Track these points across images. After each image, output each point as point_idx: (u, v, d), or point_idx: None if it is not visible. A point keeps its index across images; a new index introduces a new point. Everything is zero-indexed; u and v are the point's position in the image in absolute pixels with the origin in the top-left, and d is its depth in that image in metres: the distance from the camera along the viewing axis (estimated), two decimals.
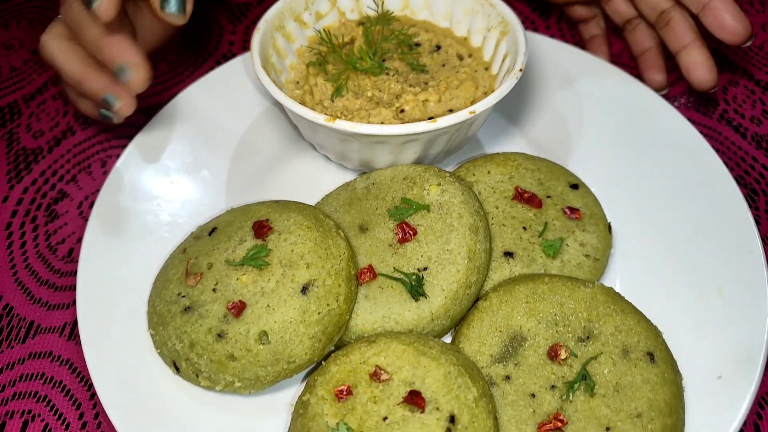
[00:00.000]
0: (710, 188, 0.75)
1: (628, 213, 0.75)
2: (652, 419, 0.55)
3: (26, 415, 0.66)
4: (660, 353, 0.59)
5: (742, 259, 0.69)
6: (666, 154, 0.79)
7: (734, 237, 0.71)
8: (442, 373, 0.55)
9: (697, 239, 0.72)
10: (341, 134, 0.71)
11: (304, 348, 0.61)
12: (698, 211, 0.74)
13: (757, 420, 0.64)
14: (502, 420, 0.57)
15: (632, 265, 0.71)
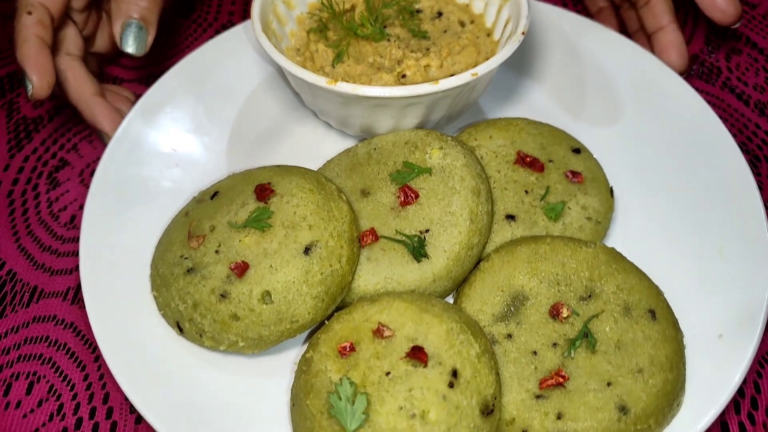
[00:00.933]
0: (713, 153, 0.75)
1: (631, 178, 0.75)
2: (653, 374, 0.55)
3: (31, 377, 0.66)
4: (661, 311, 0.59)
5: (744, 222, 0.69)
6: (669, 120, 0.79)
7: (736, 201, 0.71)
8: (445, 330, 0.56)
9: (699, 203, 0.72)
10: (343, 97, 0.71)
11: (307, 308, 0.61)
12: (701, 175, 0.74)
13: (756, 378, 0.65)
14: (504, 377, 0.57)
15: (634, 228, 0.71)
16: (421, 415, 0.52)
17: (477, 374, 0.54)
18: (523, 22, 0.74)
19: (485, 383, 0.54)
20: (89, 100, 0.78)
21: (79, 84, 0.78)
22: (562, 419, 0.54)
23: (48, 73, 0.73)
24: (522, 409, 0.55)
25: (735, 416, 0.62)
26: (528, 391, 0.56)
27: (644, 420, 0.54)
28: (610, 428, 0.54)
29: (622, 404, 0.54)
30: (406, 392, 0.53)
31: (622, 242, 0.70)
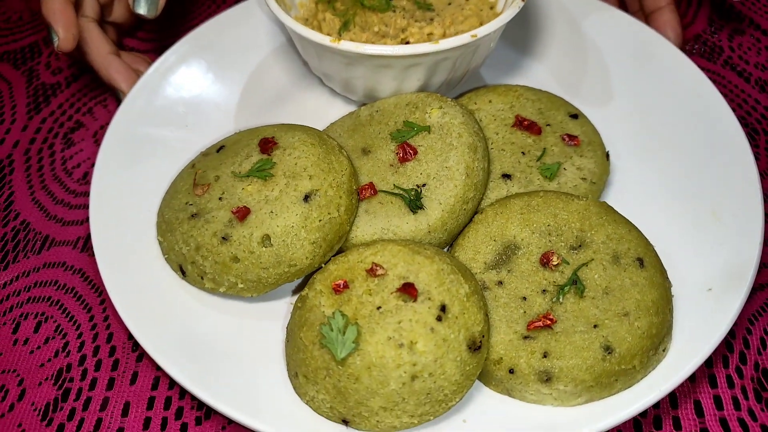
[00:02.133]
0: (709, 121, 0.76)
1: (627, 145, 0.77)
2: (638, 317, 0.57)
3: (39, 317, 0.69)
4: (649, 259, 0.60)
5: (738, 185, 0.70)
6: (667, 90, 0.80)
7: (730, 165, 0.72)
8: (435, 269, 0.57)
9: (694, 168, 0.73)
10: (346, 57, 0.73)
11: (305, 252, 0.63)
12: (697, 142, 0.75)
13: (746, 335, 0.65)
14: (494, 320, 0.59)
15: (629, 191, 0.73)
16: (408, 345, 0.54)
17: (465, 311, 0.55)
18: None
19: (473, 321, 0.55)
20: (106, 58, 0.81)
21: (96, 44, 0.81)
22: (548, 357, 0.56)
23: (73, 26, 0.77)
24: (509, 349, 0.57)
25: (723, 370, 0.63)
26: (516, 333, 0.57)
27: (629, 360, 0.55)
28: (595, 366, 0.55)
29: (608, 344, 0.56)
30: (396, 324, 0.55)
31: (617, 203, 0.71)
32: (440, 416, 0.56)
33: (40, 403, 0.63)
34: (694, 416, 0.60)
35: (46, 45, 0.97)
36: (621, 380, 0.55)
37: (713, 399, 0.61)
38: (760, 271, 0.69)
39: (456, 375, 0.54)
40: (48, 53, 0.96)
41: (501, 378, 0.57)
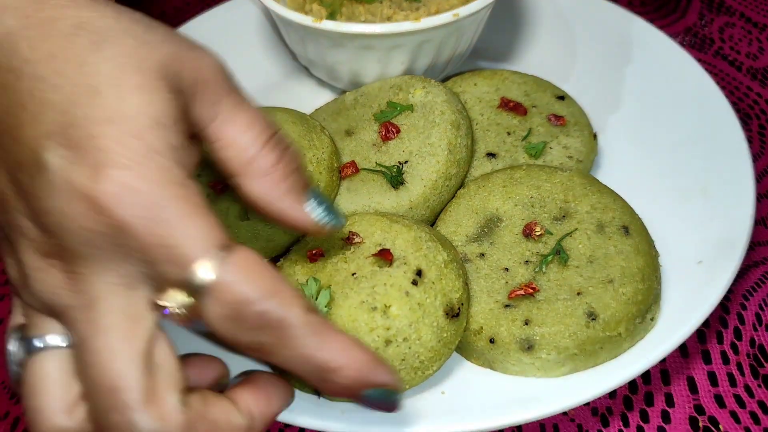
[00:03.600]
0: (699, 103, 0.75)
1: (617, 127, 0.75)
2: (623, 284, 0.54)
3: None
4: (635, 226, 0.59)
5: (728, 163, 0.68)
6: (657, 74, 0.79)
7: (721, 144, 0.70)
8: (413, 236, 0.56)
9: (684, 148, 0.71)
10: (329, 38, 0.73)
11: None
12: (686, 123, 0.74)
13: (741, 310, 0.63)
14: (474, 291, 0.57)
15: (618, 171, 0.71)
16: (382, 308, 0.52)
17: (443, 277, 0.54)
18: None
19: (451, 287, 0.53)
20: None
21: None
22: (529, 325, 0.53)
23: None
24: (489, 318, 0.55)
25: (717, 346, 0.60)
26: (497, 302, 0.55)
27: (613, 327, 0.53)
28: (578, 333, 0.53)
29: (591, 311, 0.53)
30: (370, 289, 0.53)
31: (608, 179, 0.70)
32: (417, 386, 0.53)
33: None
34: (687, 393, 0.58)
35: None
36: (606, 348, 0.53)
37: (707, 375, 0.59)
38: (754, 249, 0.67)
39: (432, 341, 0.52)
40: None
41: (482, 349, 0.54)
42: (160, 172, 0.38)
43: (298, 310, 0.40)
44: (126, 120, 0.38)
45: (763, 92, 0.85)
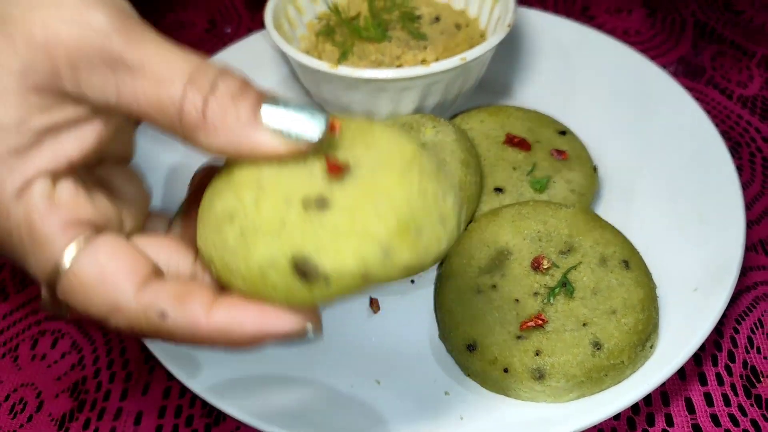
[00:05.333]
0: (692, 136, 0.80)
1: (615, 161, 0.80)
2: (625, 314, 0.59)
3: (56, 334, 0.72)
4: (634, 261, 0.63)
5: (721, 193, 0.73)
6: (652, 109, 0.84)
7: (713, 175, 0.75)
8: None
9: (679, 180, 0.76)
10: (345, 82, 0.77)
11: None
12: (681, 156, 0.78)
13: (734, 334, 0.68)
14: (489, 322, 0.61)
15: (617, 202, 0.76)
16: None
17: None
18: (509, 15, 0.81)
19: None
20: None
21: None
22: (540, 355, 0.58)
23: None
24: (503, 349, 0.59)
25: (713, 368, 0.65)
26: (509, 333, 0.60)
27: (617, 355, 0.58)
28: (585, 362, 0.57)
29: (597, 341, 0.58)
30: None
31: (606, 213, 0.74)
32: (436, 412, 0.58)
33: (57, 414, 0.65)
34: (685, 413, 0.62)
35: None
36: (610, 375, 0.58)
37: (704, 396, 0.63)
38: (746, 274, 0.72)
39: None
40: None
41: (496, 378, 0.59)
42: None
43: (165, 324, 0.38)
44: None
45: (753, 120, 0.90)
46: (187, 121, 0.38)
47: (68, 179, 0.40)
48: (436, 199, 0.39)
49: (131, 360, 0.69)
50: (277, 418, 0.58)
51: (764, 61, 0.98)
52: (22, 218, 0.38)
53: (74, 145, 0.40)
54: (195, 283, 0.40)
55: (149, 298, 0.38)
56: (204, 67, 0.39)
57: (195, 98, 0.38)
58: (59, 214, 0.38)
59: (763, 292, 0.71)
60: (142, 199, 0.48)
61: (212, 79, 0.38)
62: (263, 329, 0.39)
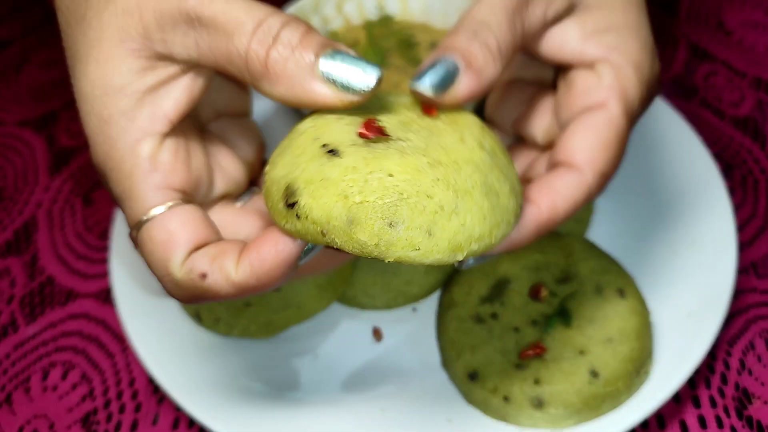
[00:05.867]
0: (686, 161, 0.82)
1: (610, 188, 0.82)
2: (621, 343, 0.61)
3: (67, 365, 0.74)
4: (629, 289, 0.65)
5: (713, 216, 0.75)
6: (646, 134, 0.86)
7: (704, 198, 0.77)
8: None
9: (673, 204, 0.78)
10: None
11: (311, 296, 0.69)
12: (672, 178, 0.80)
13: (726, 357, 0.69)
14: (489, 351, 0.63)
15: (612, 229, 0.77)
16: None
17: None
18: None
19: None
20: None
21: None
22: (539, 384, 0.60)
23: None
24: (504, 378, 0.61)
25: (706, 390, 0.67)
26: (510, 362, 0.62)
27: (613, 383, 0.59)
28: (583, 390, 0.59)
29: (593, 369, 0.60)
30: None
31: (601, 240, 0.76)
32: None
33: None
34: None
35: (66, 110, 1.05)
36: (608, 402, 0.60)
37: (698, 419, 0.65)
38: (738, 297, 0.74)
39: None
40: (67, 119, 1.03)
41: (497, 406, 0.61)
42: (110, 141, 0.43)
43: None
44: (83, 95, 0.44)
45: (745, 141, 0.92)
46: (252, 71, 0.42)
47: (171, 139, 0.45)
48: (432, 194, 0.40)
49: (140, 391, 0.71)
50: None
51: (756, 82, 1.00)
52: (127, 172, 0.44)
53: (169, 103, 0.45)
54: (229, 242, 0.44)
55: (191, 263, 0.43)
56: (269, 18, 0.42)
57: (258, 49, 0.41)
58: (156, 177, 0.44)
59: (755, 315, 0.73)
60: (254, 150, 0.53)
61: (276, 30, 0.42)
62: (277, 261, 0.42)
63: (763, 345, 0.70)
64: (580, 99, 0.48)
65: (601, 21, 0.48)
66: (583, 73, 0.49)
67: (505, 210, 0.42)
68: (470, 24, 0.46)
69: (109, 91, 0.43)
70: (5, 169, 0.97)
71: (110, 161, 0.44)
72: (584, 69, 0.49)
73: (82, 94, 0.44)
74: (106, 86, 0.43)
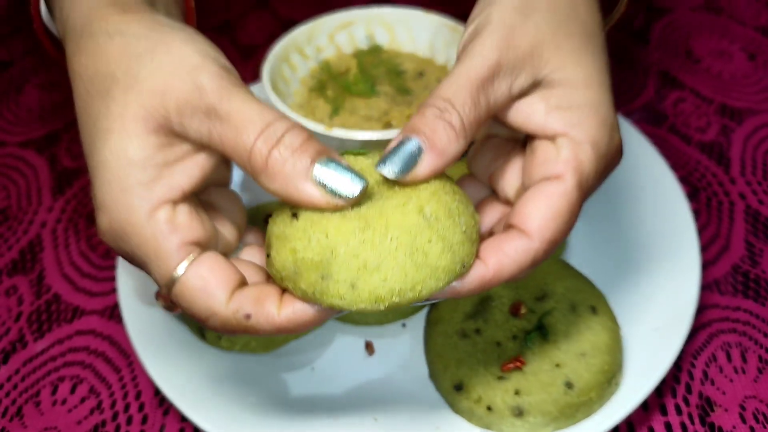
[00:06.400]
0: (654, 186, 0.88)
1: (583, 213, 0.88)
2: (593, 356, 0.67)
3: (75, 379, 0.78)
4: (601, 307, 0.71)
5: (678, 237, 0.81)
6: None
7: (670, 220, 0.83)
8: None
9: (640, 227, 0.84)
10: (338, 141, 0.85)
11: None
12: (642, 204, 0.86)
13: (690, 368, 0.75)
14: (473, 364, 0.68)
15: (586, 250, 0.83)
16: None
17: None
18: None
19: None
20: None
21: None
22: (519, 394, 0.65)
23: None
24: (487, 389, 0.66)
25: (672, 399, 0.73)
26: (492, 375, 0.67)
27: (586, 393, 0.65)
28: (559, 400, 0.65)
29: (568, 380, 0.66)
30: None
31: (575, 260, 0.82)
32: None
33: None
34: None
35: (66, 131, 1.09)
36: (581, 410, 0.65)
37: (665, 425, 0.71)
38: (701, 313, 0.80)
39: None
40: (68, 140, 1.08)
41: (480, 414, 0.66)
42: (129, 209, 0.48)
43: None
44: (102, 164, 0.49)
45: (710, 165, 0.99)
46: (254, 165, 0.48)
47: (184, 204, 0.51)
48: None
49: (146, 403, 0.76)
50: None
51: (721, 108, 1.07)
52: (150, 237, 0.49)
53: (185, 178, 0.50)
54: (268, 287, 0.50)
55: (236, 304, 0.48)
56: (276, 122, 0.48)
57: (262, 147, 0.47)
58: (177, 236, 0.49)
59: (717, 329, 0.79)
60: (239, 215, 0.59)
61: (280, 133, 0.48)
62: (315, 318, 0.49)
63: (725, 357, 0.76)
64: (540, 168, 0.52)
65: (564, 98, 0.52)
66: (544, 144, 0.52)
67: (433, 268, 0.47)
68: (436, 102, 0.49)
69: (129, 163, 0.48)
70: (9, 189, 1.01)
71: (129, 227, 0.49)
72: (546, 140, 0.52)
73: (102, 163, 0.49)
74: (128, 158, 0.48)
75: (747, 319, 0.79)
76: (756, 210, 0.91)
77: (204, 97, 0.48)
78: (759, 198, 0.93)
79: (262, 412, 0.70)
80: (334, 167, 0.47)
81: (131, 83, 0.49)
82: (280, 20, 1.29)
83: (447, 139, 0.49)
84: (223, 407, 0.70)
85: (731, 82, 1.11)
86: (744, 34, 1.19)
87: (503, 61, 0.50)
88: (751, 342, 0.77)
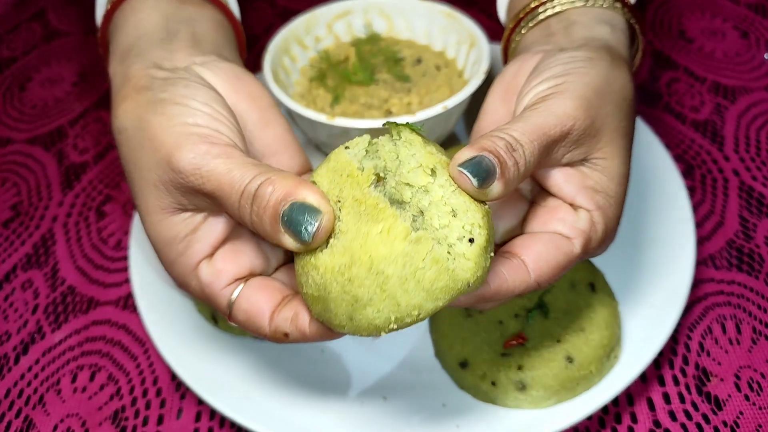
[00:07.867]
0: (647, 159, 0.90)
1: None
2: (592, 332, 0.69)
3: (93, 368, 0.81)
4: (599, 284, 0.74)
5: (674, 215, 0.83)
6: None
7: (666, 198, 0.85)
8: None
9: (636, 205, 0.86)
10: (340, 130, 0.87)
11: None
12: (638, 183, 0.88)
13: (687, 341, 0.78)
14: (477, 342, 0.71)
15: None
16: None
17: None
18: (485, 63, 0.90)
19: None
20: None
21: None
22: (522, 370, 0.68)
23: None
24: (491, 365, 0.69)
25: (669, 371, 0.76)
26: (495, 352, 0.70)
27: (586, 367, 0.68)
28: (560, 374, 0.67)
29: (569, 355, 0.68)
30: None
31: None
32: (435, 422, 0.68)
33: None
34: (647, 410, 0.73)
35: (71, 127, 1.11)
36: (582, 384, 0.68)
37: (662, 396, 0.74)
38: (697, 287, 0.82)
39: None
40: (74, 135, 1.10)
41: (486, 390, 0.69)
42: (181, 276, 0.60)
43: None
44: (153, 243, 0.61)
45: (704, 143, 1.01)
46: (243, 222, 0.56)
47: (221, 249, 0.60)
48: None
49: (163, 388, 0.78)
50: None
51: (714, 87, 1.09)
52: (198, 289, 0.60)
53: (211, 237, 0.60)
54: (301, 307, 0.57)
55: (275, 325, 0.58)
56: (251, 183, 0.54)
57: (244, 215, 0.55)
58: (221, 279, 0.59)
59: (712, 303, 0.81)
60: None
61: (253, 195, 0.54)
62: (336, 334, 0.57)
63: (720, 329, 0.79)
64: (556, 223, 0.59)
65: (600, 184, 0.59)
66: (565, 207, 0.60)
67: (428, 291, 0.49)
68: (507, 137, 0.53)
69: (167, 242, 0.60)
70: (19, 186, 1.03)
71: (184, 286, 0.61)
72: (568, 204, 0.60)
73: (153, 242, 0.61)
74: (164, 239, 0.60)
75: (741, 292, 0.82)
76: (750, 186, 0.94)
77: (188, 182, 0.56)
78: (752, 174, 0.95)
79: (275, 394, 0.73)
80: (293, 214, 0.51)
81: (138, 179, 0.60)
82: (278, 10, 1.31)
83: (514, 175, 0.53)
84: (237, 389, 0.73)
85: (724, 61, 1.13)
86: (736, 12, 1.21)
87: (574, 131, 0.57)
88: (745, 314, 0.80)
